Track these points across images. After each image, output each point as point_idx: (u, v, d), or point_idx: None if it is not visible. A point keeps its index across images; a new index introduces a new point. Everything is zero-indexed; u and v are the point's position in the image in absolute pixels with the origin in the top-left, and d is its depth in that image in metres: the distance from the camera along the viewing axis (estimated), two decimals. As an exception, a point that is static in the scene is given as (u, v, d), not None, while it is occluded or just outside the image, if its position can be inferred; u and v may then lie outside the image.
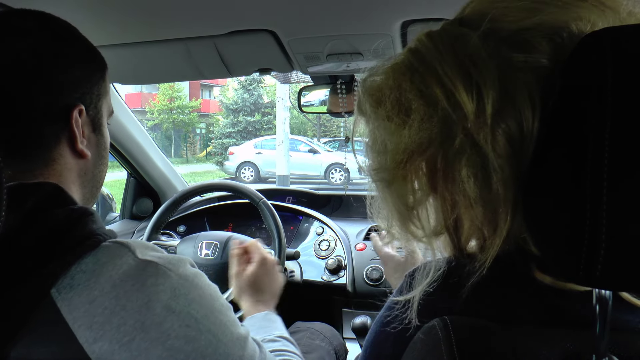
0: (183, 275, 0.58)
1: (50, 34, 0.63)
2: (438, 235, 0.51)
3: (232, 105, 20.94)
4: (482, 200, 0.44)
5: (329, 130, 23.04)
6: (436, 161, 0.46)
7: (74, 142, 0.64)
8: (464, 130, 0.43)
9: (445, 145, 0.44)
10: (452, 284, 0.49)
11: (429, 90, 0.44)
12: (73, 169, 0.66)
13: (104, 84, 0.71)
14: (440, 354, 0.42)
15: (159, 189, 2.07)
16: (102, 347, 0.50)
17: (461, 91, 0.42)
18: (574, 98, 0.36)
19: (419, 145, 0.46)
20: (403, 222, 0.52)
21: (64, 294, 0.51)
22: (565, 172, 0.36)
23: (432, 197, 0.50)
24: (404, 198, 0.50)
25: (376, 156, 0.52)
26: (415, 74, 0.46)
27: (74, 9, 0.95)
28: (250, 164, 14.52)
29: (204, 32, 1.10)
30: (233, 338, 0.61)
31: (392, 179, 0.50)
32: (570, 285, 0.45)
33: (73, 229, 0.55)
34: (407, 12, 0.98)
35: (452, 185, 0.46)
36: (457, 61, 0.43)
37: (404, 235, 0.53)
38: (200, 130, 24.46)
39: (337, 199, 2.19)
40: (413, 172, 0.49)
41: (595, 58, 0.35)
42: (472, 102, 0.42)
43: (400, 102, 0.47)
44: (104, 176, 0.75)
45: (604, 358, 0.39)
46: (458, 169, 0.44)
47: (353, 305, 1.75)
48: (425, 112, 0.45)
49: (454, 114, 0.43)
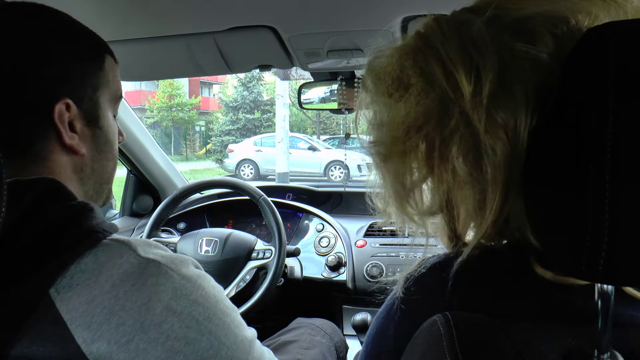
0: (186, 275, 0.57)
1: (33, 26, 0.61)
2: (433, 215, 0.52)
3: (232, 103, 20.92)
4: (472, 180, 0.45)
5: (328, 127, 23.02)
6: (434, 141, 0.47)
7: (61, 138, 0.62)
8: (460, 109, 0.44)
9: (441, 123, 0.46)
10: (445, 277, 0.49)
11: (429, 68, 0.46)
12: (67, 166, 0.64)
13: (103, 74, 0.67)
14: (441, 350, 0.42)
15: (158, 186, 2.07)
16: (100, 347, 0.49)
17: (461, 72, 0.43)
18: (576, 93, 0.36)
19: (414, 120, 0.47)
20: (400, 202, 0.53)
21: (62, 294, 0.50)
22: (567, 165, 0.36)
23: (430, 178, 0.51)
24: (402, 177, 0.52)
25: (375, 130, 0.53)
26: (418, 54, 0.48)
27: (73, 5, 0.94)
28: (250, 161, 14.51)
29: (204, 28, 1.09)
30: (237, 340, 0.59)
31: (388, 154, 0.51)
32: (572, 280, 0.45)
33: (71, 226, 0.53)
34: (407, 7, 0.97)
35: (446, 164, 0.47)
36: (460, 44, 0.44)
37: (399, 216, 0.54)
38: (200, 127, 24.44)
39: (337, 196, 2.19)
40: (412, 151, 0.50)
41: (597, 55, 0.34)
42: (470, 83, 0.43)
43: (400, 78, 0.49)
44: (109, 172, 0.72)
45: (606, 353, 0.39)
46: (451, 148, 0.46)
47: (353, 302, 1.75)
48: (423, 88, 0.46)
49: (452, 93, 0.44)
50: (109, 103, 0.69)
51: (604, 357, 0.39)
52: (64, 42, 0.63)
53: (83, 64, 0.64)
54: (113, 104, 0.71)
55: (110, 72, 0.69)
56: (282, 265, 1.50)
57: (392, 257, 1.69)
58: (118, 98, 0.72)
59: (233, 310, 0.62)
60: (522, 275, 0.47)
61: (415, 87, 0.47)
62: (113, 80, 0.70)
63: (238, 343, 0.60)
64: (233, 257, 1.48)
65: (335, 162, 13.54)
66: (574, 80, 0.37)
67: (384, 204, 0.56)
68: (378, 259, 1.69)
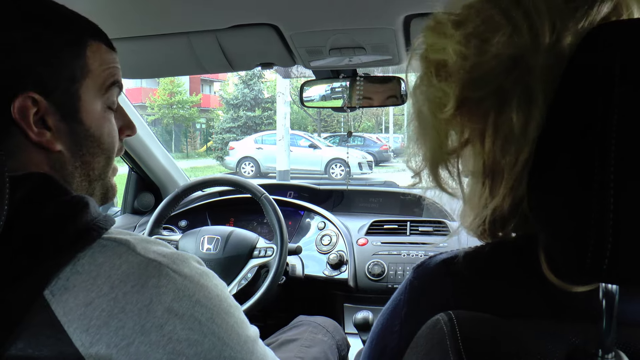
0: (188, 275, 0.55)
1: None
2: (474, 180, 0.51)
3: (233, 100, 20.94)
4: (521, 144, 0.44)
5: (329, 125, 23.03)
6: (497, 94, 0.45)
7: (27, 135, 0.57)
8: (527, 63, 0.43)
9: (510, 76, 0.44)
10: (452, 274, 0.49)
11: (515, 14, 0.44)
12: (41, 163, 0.59)
13: (83, 63, 0.60)
14: (445, 349, 0.42)
15: (160, 184, 2.07)
16: (99, 350, 0.48)
17: (545, 25, 0.42)
18: (581, 87, 0.36)
19: (489, 70, 0.45)
20: (435, 166, 0.52)
21: (58, 296, 0.48)
22: (571, 163, 0.36)
23: (471, 145, 0.49)
24: (447, 136, 0.50)
25: (443, 81, 0.49)
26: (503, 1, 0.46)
27: (74, 3, 0.94)
28: (251, 159, 14.52)
29: (206, 26, 1.09)
30: (240, 341, 0.58)
31: (439, 111, 0.49)
32: (577, 288, 0.44)
33: (65, 224, 0.51)
34: (410, 6, 0.97)
35: (501, 123, 0.45)
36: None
37: (431, 182, 0.53)
38: (201, 125, 24.44)
39: (338, 194, 2.19)
40: (470, 106, 0.48)
41: (603, 53, 0.34)
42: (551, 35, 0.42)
43: (485, 22, 0.46)
44: (99, 168, 0.65)
45: (610, 353, 0.39)
46: (511, 104, 0.44)
47: (355, 300, 1.75)
48: (509, 34, 0.44)
49: (531, 40, 0.43)
50: (95, 94, 0.62)
51: (608, 357, 0.39)
52: (22, 30, 0.57)
53: (54, 52, 0.58)
54: (103, 94, 0.63)
55: (94, 60, 0.62)
56: (284, 264, 1.50)
57: (393, 256, 1.69)
58: (110, 87, 0.64)
59: (236, 309, 0.60)
60: (529, 274, 0.47)
61: (504, 30, 0.44)
62: (99, 68, 0.62)
63: (242, 344, 0.58)
64: (235, 255, 1.48)
65: (336, 160, 13.56)
66: (578, 78, 0.37)
67: (418, 166, 0.54)
68: (380, 257, 1.69)
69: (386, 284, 1.64)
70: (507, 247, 0.50)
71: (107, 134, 0.65)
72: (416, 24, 1.04)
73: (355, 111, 1.59)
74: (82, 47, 0.61)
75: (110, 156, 0.67)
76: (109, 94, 0.65)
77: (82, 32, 0.62)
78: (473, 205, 0.52)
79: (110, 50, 0.66)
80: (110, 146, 0.66)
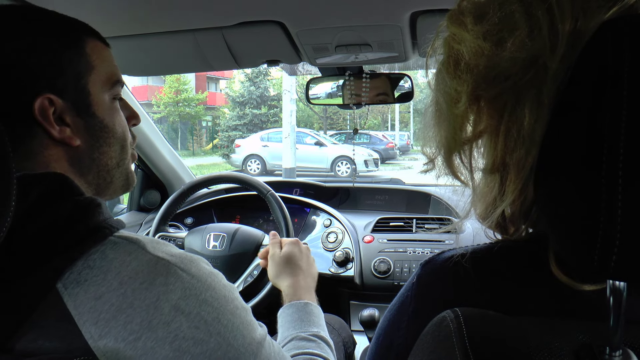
0: (196, 274, 0.57)
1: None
2: (486, 174, 0.50)
3: (239, 98, 20.98)
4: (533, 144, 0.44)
5: (335, 123, 23.02)
6: (512, 92, 0.45)
7: (49, 133, 0.60)
8: (544, 64, 0.42)
9: (528, 73, 0.43)
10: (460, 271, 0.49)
11: (536, 11, 0.43)
12: (61, 158, 0.62)
13: (85, 60, 0.64)
14: (451, 346, 0.42)
15: (166, 181, 2.08)
16: (107, 343, 0.50)
17: (566, 22, 0.42)
18: (588, 85, 0.36)
19: (507, 68, 0.44)
20: (449, 153, 0.52)
21: (70, 289, 0.50)
22: (579, 160, 0.36)
23: (488, 134, 0.49)
24: (461, 128, 0.50)
25: (458, 76, 0.49)
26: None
27: (81, 1, 0.95)
28: (257, 156, 14.54)
29: (212, 23, 1.09)
30: (245, 343, 0.59)
31: (457, 101, 0.49)
32: (585, 287, 0.44)
33: (78, 221, 0.53)
34: (416, 2, 0.97)
35: (515, 121, 0.45)
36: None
37: (445, 170, 0.53)
38: (207, 122, 24.51)
39: (344, 191, 2.19)
40: (484, 102, 0.48)
41: (612, 47, 0.34)
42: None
43: (504, 20, 0.45)
44: (114, 157, 0.69)
45: (618, 350, 0.39)
46: (525, 103, 0.44)
47: (361, 298, 1.75)
48: (527, 34, 0.43)
49: (550, 41, 0.42)
50: (102, 87, 0.66)
51: (616, 355, 0.39)
52: (31, 38, 0.60)
53: (57, 54, 0.61)
54: (109, 87, 0.67)
55: (95, 56, 0.65)
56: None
57: (399, 253, 1.69)
58: (113, 80, 0.68)
59: (243, 310, 0.61)
60: (538, 272, 0.46)
61: (521, 31, 0.44)
62: (101, 63, 0.66)
63: (246, 346, 0.59)
64: (241, 252, 1.48)
65: (342, 158, 13.55)
66: (585, 76, 0.37)
67: (432, 153, 0.54)
68: (386, 255, 1.69)
69: (392, 281, 1.64)
70: (517, 245, 0.50)
71: (118, 124, 0.69)
72: (422, 20, 1.04)
73: (361, 109, 1.59)
74: (81, 46, 0.64)
75: (124, 144, 0.70)
76: (116, 86, 0.69)
77: (78, 32, 0.65)
78: (484, 197, 0.52)
79: (106, 46, 0.69)
80: (123, 134, 0.70)
